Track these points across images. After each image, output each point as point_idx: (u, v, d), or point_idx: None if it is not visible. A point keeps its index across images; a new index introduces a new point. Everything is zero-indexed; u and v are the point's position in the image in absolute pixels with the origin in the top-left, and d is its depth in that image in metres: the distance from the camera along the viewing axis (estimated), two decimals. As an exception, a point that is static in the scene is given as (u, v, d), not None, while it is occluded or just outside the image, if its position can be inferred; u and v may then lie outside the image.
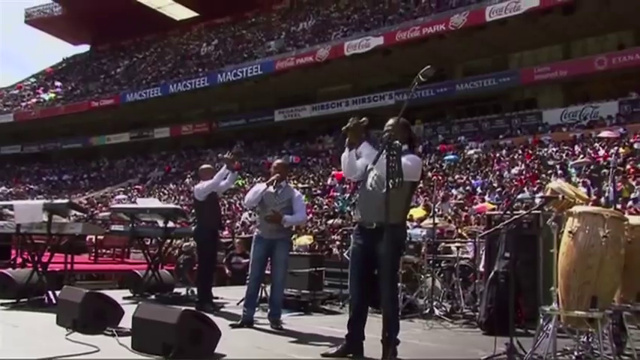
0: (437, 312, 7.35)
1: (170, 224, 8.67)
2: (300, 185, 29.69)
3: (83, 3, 51.10)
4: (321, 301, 8.17)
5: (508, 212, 5.02)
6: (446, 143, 31.76)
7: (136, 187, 41.17)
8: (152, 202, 9.91)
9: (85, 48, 62.13)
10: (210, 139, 44.77)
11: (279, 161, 6.82)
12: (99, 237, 14.59)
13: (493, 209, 18.37)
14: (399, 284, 7.19)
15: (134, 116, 47.26)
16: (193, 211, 8.57)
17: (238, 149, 37.64)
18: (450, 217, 17.40)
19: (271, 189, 6.42)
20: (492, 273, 6.50)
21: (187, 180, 38.11)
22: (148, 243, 10.49)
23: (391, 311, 4.74)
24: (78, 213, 7.98)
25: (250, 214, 24.68)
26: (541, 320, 4.52)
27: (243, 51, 43.76)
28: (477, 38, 31.38)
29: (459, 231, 15.16)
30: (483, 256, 7.57)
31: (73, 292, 6.16)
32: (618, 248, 4.12)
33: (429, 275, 8.03)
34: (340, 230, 20.08)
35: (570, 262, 4.15)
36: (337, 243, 17.35)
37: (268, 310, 6.55)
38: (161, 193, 35.37)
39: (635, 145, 21.56)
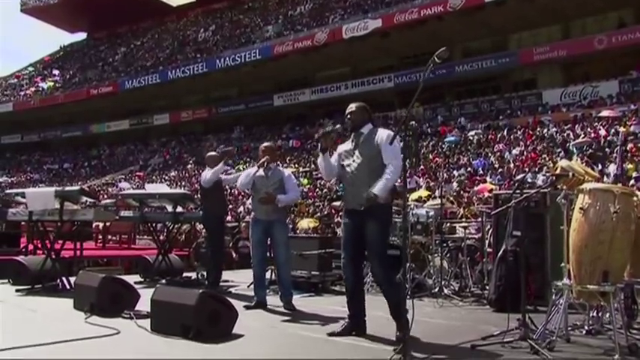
0: (446, 291, 7.44)
1: (179, 209, 8.74)
2: (301, 169, 29.80)
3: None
4: (331, 282, 8.27)
5: (518, 191, 5.08)
6: (446, 125, 31.80)
7: (137, 174, 41.25)
8: (161, 188, 9.99)
9: (82, 36, 62.02)
10: (210, 125, 44.77)
11: (266, 144, 6.90)
12: (105, 224, 14.70)
13: (491, 190, 18.55)
14: (408, 265, 7.29)
15: (133, 103, 47.26)
16: (199, 197, 8.69)
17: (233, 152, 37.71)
18: (452, 198, 17.50)
19: (261, 172, 6.53)
20: (501, 251, 6.58)
21: (189, 166, 38.19)
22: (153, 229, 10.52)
23: (387, 291, 4.83)
24: (89, 199, 8.02)
25: (245, 203, 24.75)
26: (553, 296, 4.60)
27: (240, 36, 43.68)
28: (476, 19, 31.35)
29: (463, 211, 15.29)
30: (491, 235, 7.65)
31: (90, 277, 6.26)
32: (629, 224, 4.21)
33: (436, 255, 8.14)
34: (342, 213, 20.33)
35: (582, 237, 4.24)
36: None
37: (279, 292, 6.64)
38: (162, 179, 35.39)
39: (632, 128, 21.49)
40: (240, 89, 44.46)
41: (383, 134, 4.92)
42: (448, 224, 9.87)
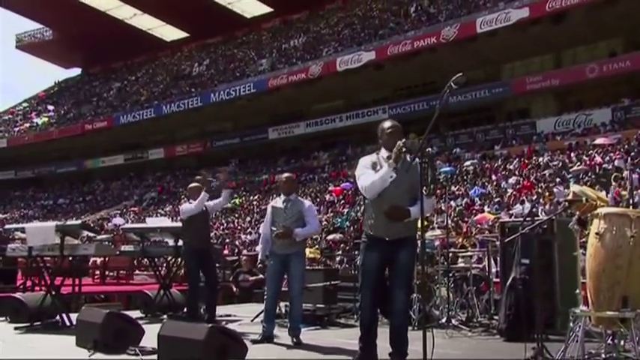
0: (453, 321, 7.34)
1: (180, 243, 8.63)
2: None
3: (74, 26, 51.20)
4: (336, 315, 8.15)
5: (528, 218, 5.04)
6: (440, 155, 31.86)
7: (132, 209, 41.04)
8: (162, 221, 9.90)
9: (76, 71, 62.20)
10: (204, 159, 44.79)
11: (286, 175, 6.82)
12: (102, 259, 14.54)
13: (497, 218, 18.52)
14: (413, 295, 7.22)
15: (128, 138, 47.22)
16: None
17: (227, 170, 37.70)
18: (450, 228, 17.46)
19: (280, 204, 6.43)
20: (510, 279, 6.51)
21: (182, 200, 38.01)
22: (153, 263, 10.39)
23: (403, 323, 4.76)
24: (90, 234, 7.94)
25: (250, 233, 24.67)
26: (571, 323, 4.52)
27: (235, 70, 43.89)
28: (469, 50, 31.55)
29: (462, 241, 15.24)
30: (499, 264, 7.59)
31: (93, 313, 6.14)
32: (646, 248, 4.15)
33: (441, 285, 8.06)
34: (342, 245, 20.22)
35: (599, 263, 4.18)
36: (338, 258, 17.50)
37: (288, 325, 6.53)
38: (158, 214, 35.19)
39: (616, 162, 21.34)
40: (234, 123, 44.52)
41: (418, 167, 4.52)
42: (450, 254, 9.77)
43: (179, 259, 9.09)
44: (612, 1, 26.44)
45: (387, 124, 4.84)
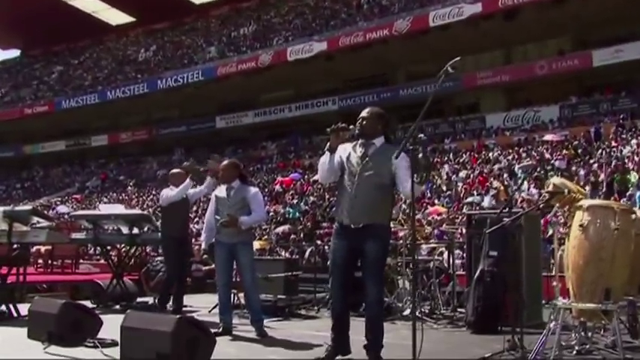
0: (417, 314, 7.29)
1: (135, 231, 8.37)
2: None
3: (13, 6, 49.33)
4: (297, 306, 8.03)
5: (505, 210, 5.00)
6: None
7: (74, 196, 40.03)
8: (117, 208, 9.56)
9: (15, 53, 60.09)
10: (150, 147, 43.98)
11: (226, 162, 6.61)
12: (47, 247, 14.01)
13: (442, 212, 18.74)
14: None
15: (70, 123, 45.97)
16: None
17: (218, 158, 37.17)
18: (402, 221, 17.54)
19: (223, 192, 6.26)
20: (478, 271, 6.49)
21: (129, 188, 37.32)
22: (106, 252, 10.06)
23: (377, 314, 4.68)
24: (40, 220, 7.59)
25: (197, 222, 24.28)
26: (551, 315, 4.50)
27: (182, 57, 43.16)
28: (421, 43, 31.76)
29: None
30: (465, 256, 7.59)
31: (47, 303, 5.84)
32: (629, 240, 4.15)
33: (403, 277, 8.07)
34: (293, 237, 20.12)
35: (583, 255, 4.16)
36: (290, 249, 17.43)
37: (249, 317, 6.36)
38: (102, 202, 34.39)
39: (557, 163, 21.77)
40: (181, 110, 43.87)
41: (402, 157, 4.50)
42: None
43: (133, 248, 8.86)
44: (562, 0, 27.04)
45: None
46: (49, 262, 13.93)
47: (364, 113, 4.73)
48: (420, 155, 3.97)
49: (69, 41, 53.07)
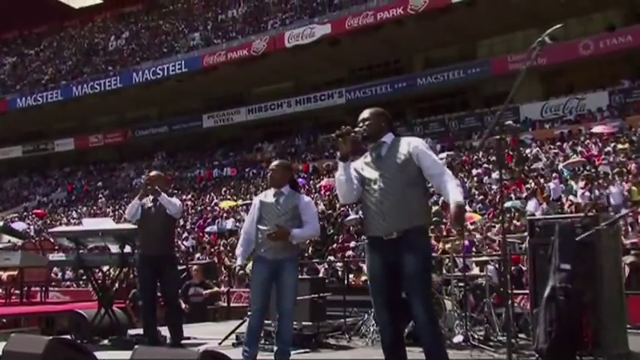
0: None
1: (127, 249, 8.21)
2: (240, 202, 29.34)
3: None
4: (325, 335, 7.87)
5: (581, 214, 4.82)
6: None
7: (35, 211, 39.89)
8: (104, 223, 9.37)
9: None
10: (125, 151, 43.91)
11: (277, 162, 6.46)
12: (11, 273, 13.76)
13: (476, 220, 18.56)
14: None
15: (27, 125, 46.23)
16: None
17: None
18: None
19: (271, 197, 6.10)
20: (548, 289, 6.30)
21: (100, 200, 37.18)
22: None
23: (433, 340, 4.57)
24: (13, 240, 7.43)
25: (187, 239, 24.17)
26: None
27: (161, 45, 43.18)
28: (440, 23, 31.68)
29: (443, 246, 15.12)
30: (527, 270, 7.41)
31: (29, 341, 5.62)
32: None
33: (449, 297, 7.93)
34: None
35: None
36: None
37: (275, 348, 6.17)
38: (69, 218, 34.30)
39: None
40: (161, 108, 43.98)
41: (414, 141, 4.73)
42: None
43: (124, 270, 8.70)
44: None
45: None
46: (13, 290, 13.61)
47: (364, 114, 4.86)
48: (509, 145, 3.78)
49: (22, 27, 52.96)
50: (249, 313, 6.26)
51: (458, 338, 7.34)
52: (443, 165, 4.72)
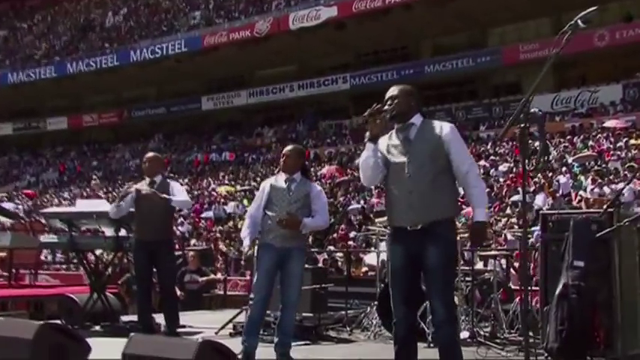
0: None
1: (122, 233, 8.17)
2: (238, 187, 29.35)
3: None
4: (325, 327, 7.85)
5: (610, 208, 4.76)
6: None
7: (25, 191, 39.83)
8: (99, 205, 9.33)
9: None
10: (121, 132, 43.86)
11: (291, 146, 6.40)
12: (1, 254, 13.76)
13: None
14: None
15: (19, 102, 46.12)
16: None
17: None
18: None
19: (282, 183, 6.04)
20: (560, 286, 6.26)
21: (94, 182, 37.13)
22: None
23: (449, 339, 4.51)
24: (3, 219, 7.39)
25: (182, 224, 24.12)
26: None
27: (160, 23, 43.10)
28: (450, 9, 31.52)
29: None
30: (539, 267, 7.36)
31: (18, 326, 5.57)
32: None
33: (457, 293, 7.89)
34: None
35: None
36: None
37: (275, 340, 6.14)
38: (61, 199, 34.29)
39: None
40: (159, 89, 43.92)
41: (445, 127, 4.56)
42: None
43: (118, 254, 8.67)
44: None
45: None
46: (1, 272, 13.61)
47: (393, 92, 4.68)
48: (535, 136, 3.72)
49: (14, 0, 52.72)
50: (250, 302, 6.21)
51: (464, 334, 7.30)
52: (471, 161, 4.60)
